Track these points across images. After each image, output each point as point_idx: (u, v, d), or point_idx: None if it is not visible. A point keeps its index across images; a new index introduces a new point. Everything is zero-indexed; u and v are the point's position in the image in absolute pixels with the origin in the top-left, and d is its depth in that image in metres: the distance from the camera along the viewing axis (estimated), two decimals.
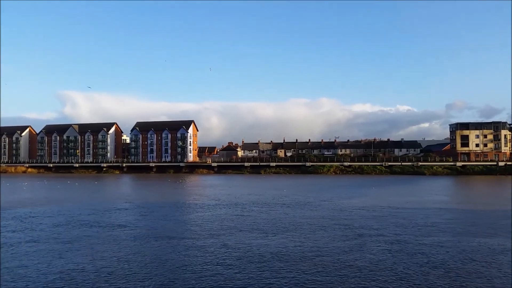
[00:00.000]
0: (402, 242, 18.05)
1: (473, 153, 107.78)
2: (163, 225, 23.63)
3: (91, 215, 27.78)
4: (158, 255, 16.20)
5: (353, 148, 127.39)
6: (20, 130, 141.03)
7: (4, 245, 18.16)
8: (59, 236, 20.13)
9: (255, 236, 19.85)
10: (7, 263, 15.14)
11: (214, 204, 34.49)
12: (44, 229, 22.37)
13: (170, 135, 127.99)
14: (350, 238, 19.21)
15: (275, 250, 16.62)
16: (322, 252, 16.35)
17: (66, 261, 15.32)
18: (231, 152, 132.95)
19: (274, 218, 25.78)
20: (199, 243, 18.23)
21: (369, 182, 66.45)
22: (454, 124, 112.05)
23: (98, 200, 39.90)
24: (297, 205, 32.75)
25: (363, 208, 30.38)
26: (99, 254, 16.32)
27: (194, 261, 15.09)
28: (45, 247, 17.67)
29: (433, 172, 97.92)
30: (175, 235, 20.26)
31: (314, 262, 14.82)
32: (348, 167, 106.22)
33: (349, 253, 16.18)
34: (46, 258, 15.76)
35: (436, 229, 21.46)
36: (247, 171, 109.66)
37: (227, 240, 18.82)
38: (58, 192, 50.96)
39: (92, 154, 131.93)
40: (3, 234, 20.75)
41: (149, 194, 47.80)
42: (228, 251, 16.61)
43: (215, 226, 22.97)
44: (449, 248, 16.89)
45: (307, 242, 18.18)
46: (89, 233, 21.11)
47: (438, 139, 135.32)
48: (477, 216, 26.80)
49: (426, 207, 31.52)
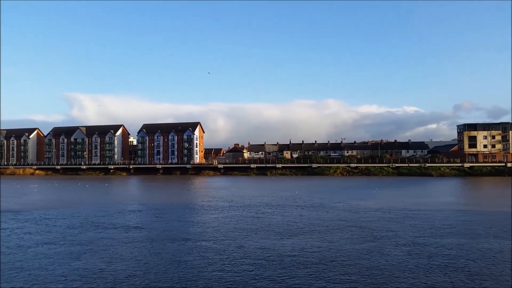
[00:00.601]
0: (422, 245, 17.91)
1: (481, 154, 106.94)
2: (178, 227, 23.67)
3: (105, 217, 27.92)
4: (176, 257, 16.21)
5: (359, 150, 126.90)
6: (28, 132, 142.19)
7: (21, 247, 18.27)
8: (76, 238, 20.24)
9: (272, 238, 19.81)
10: (26, 265, 15.21)
11: (228, 206, 34.46)
12: (59, 231, 22.51)
13: (176, 137, 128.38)
14: (369, 240, 19.11)
15: (293, 253, 16.56)
16: (341, 254, 16.26)
17: (84, 263, 15.39)
18: (237, 154, 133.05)
19: (290, 220, 25.71)
20: (216, 245, 18.23)
21: (378, 183, 66.13)
22: (461, 125, 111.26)
23: (110, 201, 40.13)
24: (311, 207, 32.64)
25: (378, 210, 30.22)
26: (117, 256, 16.36)
27: (212, 263, 15.09)
28: (63, 249, 17.75)
29: (440, 173, 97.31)
30: (191, 237, 20.28)
31: (334, 264, 14.74)
32: (355, 169, 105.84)
33: (368, 255, 16.07)
34: (64, 260, 15.84)
35: (456, 231, 21.27)
36: (253, 173, 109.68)
37: (244, 242, 18.78)
38: (70, 194, 51.28)
39: (100, 156, 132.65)
40: (19, 236, 20.88)
41: (160, 196, 47.94)
42: (245, 253, 16.56)
43: (230, 228, 22.96)
44: (470, 251, 16.74)
45: (325, 244, 18.11)
46: (105, 235, 21.20)
47: (446, 140, 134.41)
48: (495, 218, 26.38)
49: (441, 208, 31.29)
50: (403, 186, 62.00)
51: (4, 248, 18.13)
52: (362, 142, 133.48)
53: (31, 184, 70.38)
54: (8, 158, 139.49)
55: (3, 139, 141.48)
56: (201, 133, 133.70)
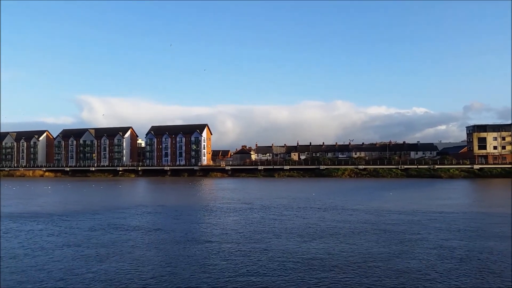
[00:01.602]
0: (450, 248, 17.77)
1: (491, 155, 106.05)
2: (200, 229, 23.71)
3: (125, 219, 28.10)
4: (202, 260, 16.18)
5: (368, 151, 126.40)
6: (38, 134, 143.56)
7: (45, 249, 18.35)
8: (98, 241, 20.30)
9: (296, 241, 19.75)
10: (53, 267, 15.23)
11: (246, 208, 34.38)
12: (81, 233, 22.62)
13: (184, 139, 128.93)
14: (396, 243, 18.98)
15: (320, 256, 16.49)
16: (369, 257, 16.17)
17: (110, 265, 15.38)
18: (244, 156, 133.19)
19: (313, 222, 25.60)
20: (241, 248, 18.20)
21: (389, 185, 65.87)
22: (471, 126, 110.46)
23: (127, 203, 40.26)
24: (332, 209, 32.43)
25: (402, 212, 29.98)
26: (143, 259, 16.37)
27: (240, 266, 15.06)
28: (87, 252, 17.76)
29: (450, 175, 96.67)
30: (214, 239, 20.28)
31: (364, 268, 14.66)
32: (363, 170, 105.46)
33: (397, 258, 15.95)
34: (89, 262, 15.87)
35: (484, 234, 21.02)
36: (260, 174, 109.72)
37: (268, 245, 18.72)
38: (85, 195, 51.52)
39: (108, 158, 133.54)
40: (43, 239, 20.99)
41: (175, 197, 48.03)
42: (272, 256, 16.48)
43: (252, 230, 22.94)
44: (502, 254, 16.53)
45: (353, 247, 18.04)
46: (128, 236, 21.30)
47: (455, 142, 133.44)
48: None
49: (462, 210, 31.04)
50: (416, 188, 61.59)
51: (28, 250, 18.22)
52: (370, 143, 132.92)
53: (44, 186, 71.04)
54: (18, 160, 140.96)
55: (13, 141, 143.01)
56: (209, 135, 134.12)
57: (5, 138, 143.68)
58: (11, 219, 28.08)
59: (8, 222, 26.93)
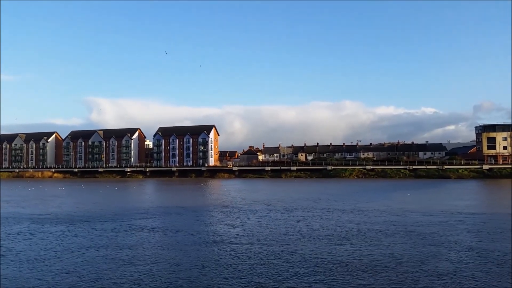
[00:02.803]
0: (482, 250, 17.63)
1: (500, 155, 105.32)
2: (223, 231, 23.60)
3: (148, 220, 28.15)
4: (231, 262, 16.02)
5: (375, 152, 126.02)
6: (47, 136, 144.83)
7: (73, 251, 18.39)
8: (125, 242, 20.28)
9: (324, 243, 19.60)
10: (79, 269, 15.19)
11: (265, 209, 34.14)
12: (106, 234, 22.67)
13: (191, 140, 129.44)
14: (424, 245, 18.85)
15: (352, 258, 16.40)
16: (401, 260, 16.04)
17: (141, 268, 15.27)
18: (251, 156, 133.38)
19: (338, 224, 25.32)
20: (269, 250, 18.07)
21: (402, 185, 65.59)
22: (480, 126, 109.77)
23: (145, 204, 40.35)
24: (356, 211, 32.11)
25: (426, 213, 29.73)
26: (172, 261, 16.30)
27: (272, 269, 14.98)
28: (114, 254, 17.70)
29: (458, 175, 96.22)
30: (239, 241, 20.16)
31: (397, 270, 14.56)
32: (371, 171, 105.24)
33: (429, 261, 15.85)
34: (116, 264, 15.80)
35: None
36: (267, 175, 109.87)
37: (297, 247, 18.57)
38: (102, 196, 51.58)
39: (116, 159, 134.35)
40: (69, 240, 21.04)
41: (192, 198, 47.89)
42: (303, 259, 16.39)
43: (277, 232, 22.75)
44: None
45: (383, 250, 17.89)
46: (152, 238, 21.32)
47: (464, 142, 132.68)
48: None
49: (488, 212, 30.82)
50: (431, 188, 61.11)
51: (52, 252, 18.19)
52: (378, 144, 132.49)
53: (57, 187, 71.64)
54: (27, 161, 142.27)
55: (22, 143, 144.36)
56: (216, 136, 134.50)
57: (15, 140, 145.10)
58: (33, 221, 28.23)
59: (30, 224, 27.09)
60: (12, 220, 28.63)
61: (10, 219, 29.43)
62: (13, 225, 26.51)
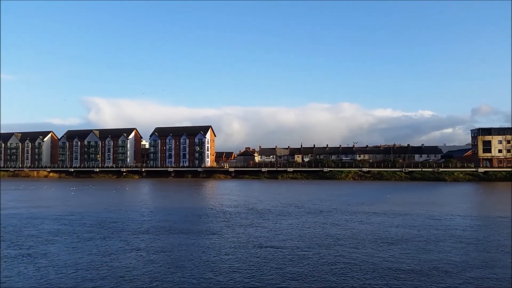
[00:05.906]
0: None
1: (495, 159, 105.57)
2: (260, 234, 22.78)
3: (176, 222, 27.39)
4: (280, 267, 15.72)
5: (372, 154, 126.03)
6: (42, 135, 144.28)
7: (115, 253, 17.99)
8: (150, 245, 19.79)
9: (369, 247, 19.03)
10: (112, 274, 14.83)
11: (297, 211, 33.35)
12: (133, 235, 22.23)
13: (188, 140, 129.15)
14: (472, 250, 18.49)
15: (405, 262, 15.99)
16: (456, 265, 15.77)
17: (187, 272, 14.97)
18: (248, 158, 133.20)
19: (376, 227, 24.84)
20: (315, 253, 17.70)
21: (403, 188, 64.92)
22: (475, 129, 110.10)
23: (162, 204, 40.12)
24: (383, 214, 31.31)
25: (465, 217, 29.26)
26: (213, 264, 16.08)
27: (325, 274, 14.71)
28: (153, 257, 17.31)
29: (454, 178, 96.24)
30: (280, 245, 19.58)
31: (456, 278, 14.18)
32: (367, 173, 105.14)
33: (485, 268, 15.52)
34: (163, 268, 15.48)
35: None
36: (264, 176, 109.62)
37: (342, 251, 18.13)
38: (115, 198, 50.43)
39: (112, 159, 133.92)
40: (95, 243, 20.42)
41: (207, 200, 46.52)
42: (355, 263, 16.04)
43: (315, 235, 22.19)
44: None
45: (436, 255, 17.47)
46: (186, 240, 20.83)
47: (460, 145, 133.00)
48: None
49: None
50: (436, 189, 60.30)
51: (86, 255, 17.81)
52: (375, 146, 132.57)
53: (67, 188, 69.34)
54: (23, 161, 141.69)
55: (18, 142, 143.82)
56: (213, 137, 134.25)
57: (10, 139, 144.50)
58: (58, 222, 27.46)
59: (56, 225, 26.33)
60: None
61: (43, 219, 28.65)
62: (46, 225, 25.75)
